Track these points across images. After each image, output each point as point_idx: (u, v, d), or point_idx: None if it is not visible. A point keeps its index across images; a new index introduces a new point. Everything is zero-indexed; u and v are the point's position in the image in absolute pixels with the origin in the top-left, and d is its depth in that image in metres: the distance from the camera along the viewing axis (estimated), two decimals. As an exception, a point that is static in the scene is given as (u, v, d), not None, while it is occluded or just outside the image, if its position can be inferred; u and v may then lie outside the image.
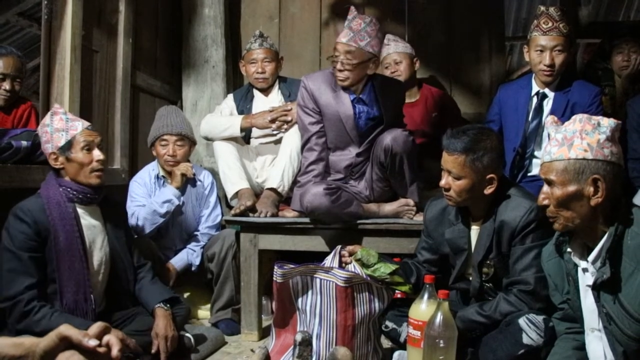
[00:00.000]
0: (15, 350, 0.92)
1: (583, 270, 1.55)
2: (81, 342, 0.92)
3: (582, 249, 1.55)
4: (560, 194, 1.48)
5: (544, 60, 2.37)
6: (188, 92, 3.54)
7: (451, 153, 1.87)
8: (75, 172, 1.99)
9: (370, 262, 2.02)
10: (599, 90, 2.47)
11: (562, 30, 2.35)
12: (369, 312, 2.04)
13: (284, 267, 2.08)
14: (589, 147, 1.45)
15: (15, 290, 1.83)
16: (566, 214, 1.49)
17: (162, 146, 2.69)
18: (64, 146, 1.98)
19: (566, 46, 2.36)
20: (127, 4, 2.94)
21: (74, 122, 2.03)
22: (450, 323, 1.67)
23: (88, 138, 2.01)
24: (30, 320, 1.81)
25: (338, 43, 2.41)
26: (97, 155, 2.01)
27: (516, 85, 2.62)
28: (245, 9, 3.73)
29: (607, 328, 1.47)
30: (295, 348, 1.93)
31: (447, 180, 1.90)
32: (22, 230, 1.87)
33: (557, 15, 2.35)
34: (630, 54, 3.14)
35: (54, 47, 2.43)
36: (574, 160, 1.46)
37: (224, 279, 2.60)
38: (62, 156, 1.99)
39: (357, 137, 2.51)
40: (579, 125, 1.49)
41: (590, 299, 1.53)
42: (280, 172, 2.63)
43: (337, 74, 2.44)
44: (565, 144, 1.48)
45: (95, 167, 2.00)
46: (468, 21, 3.55)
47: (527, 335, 1.72)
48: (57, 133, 1.99)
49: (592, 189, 1.45)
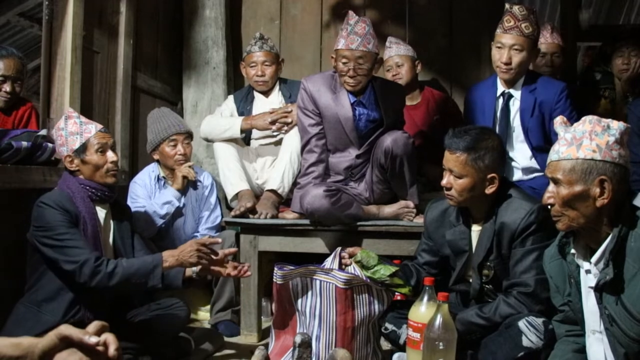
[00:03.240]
0: (13, 350, 0.92)
1: (586, 272, 1.54)
2: (82, 340, 0.92)
3: (584, 251, 1.55)
4: (566, 193, 1.47)
5: (501, 58, 2.38)
6: (188, 93, 3.55)
7: (453, 152, 1.88)
8: (91, 174, 2.05)
9: (370, 264, 2.02)
10: (564, 86, 2.45)
11: (524, 30, 2.34)
12: (369, 314, 2.03)
13: (284, 268, 2.07)
14: (598, 148, 1.45)
15: (82, 252, 1.88)
16: (571, 214, 1.49)
17: (171, 146, 2.67)
18: (78, 149, 2.04)
19: (526, 46, 2.35)
20: (128, 5, 2.94)
21: (87, 125, 2.08)
22: (450, 325, 1.67)
23: (102, 140, 2.06)
24: (104, 274, 1.86)
25: (346, 50, 2.39)
26: (111, 156, 2.07)
27: (483, 86, 2.60)
28: (246, 11, 3.73)
29: (609, 330, 1.47)
30: (295, 350, 1.93)
31: (448, 179, 1.90)
32: (56, 216, 1.90)
33: (520, 15, 2.34)
34: (630, 57, 3.14)
35: (54, 47, 2.44)
36: (582, 160, 1.46)
37: (224, 280, 2.59)
38: (78, 158, 2.04)
39: (357, 139, 2.51)
40: (589, 126, 1.48)
41: (592, 301, 1.53)
42: (280, 173, 2.63)
43: (347, 80, 2.42)
44: (574, 144, 1.48)
45: (110, 168, 2.06)
46: (469, 23, 3.55)
47: (527, 337, 1.72)
48: (72, 136, 2.05)
49: (599, 190, 1.44)
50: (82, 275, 1.86)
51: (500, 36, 2.39)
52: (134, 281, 1.91)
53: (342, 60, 2.41)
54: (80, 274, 1.86)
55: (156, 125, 2.74)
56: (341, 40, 2.43)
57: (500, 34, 2.39)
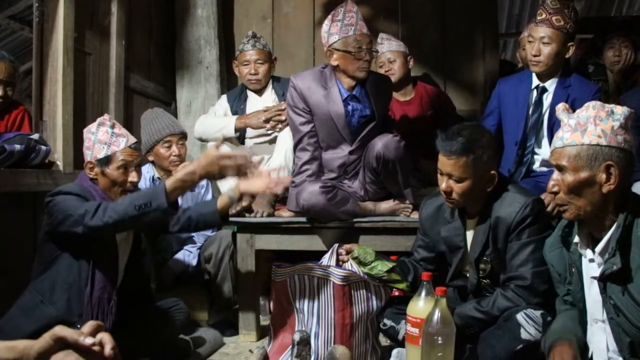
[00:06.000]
0: (8, 353, 0.92)
1: (589, 261, 1.53)
2: (77, 341, 0.92)
3: (587, 239, 1.53)
4: (571, 180, 1.46)
5: (531, 50, 2.39)
6: (182, 93, 3.53)
7: (450, 157, 1.83)
8: (107, 187, 1.97)
9: (367, 260, 2.02)
10: (598, 88, 2.49)
11: (554, 23, 2.34)
12: (367, 310, 2.04)
13: (282, 266, 2.07)
14: (603, 133, 1.43)
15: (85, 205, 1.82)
16: (577, 202, 1.47)
17: (166, 148, 2.66)
18: (102, 159, 1.95)
19: (555, 39, 2.35)
20: (120, 6, 2.93)
21: (118, 137, 1.99)
22: (448, 320, 1.67)
23: (128, 158, 1.97)
24: (104, 207, 1.79)
25: (360, 35, 2.39)
26: (133, 177, 1.98)
27: (516, 79, 2.62)
28: (238, 9, 3.72)
29: (614, 319, 1.46)
30: (294, 348, 1.92)
31: (447, 184, 1.86)
32: (71, 198, 1.84)
33: (552, 8, 2.35)
34: (621, 49, 3.16)
35: (46, 50, 2.42)
36: (587, 146, 1.44)
37: (221, 279, 2.59)
38: (99, 168, 1.97)
39: (349, 135, 2.50)
40: (593, 112, 1.47)
41: (595, 290, 1.52)
42: (275, 171, 2.62)
43: (363, 66, 2.41)
44: (578, 130, 1.46)
45: (128, 189, 1.98)
46: (461, 18, 3.55)
47: (525, 330, 1.72)
48: (99, 144, 1.96)
49: (605, 176, 1.43)
50: (86, 217, 1.78)
51: (532, 29, 2.42)
52: (138, 203, 1.78)
53: (356, 46, 2.38)
54: (84, 217, 1.78)
55: (150, 126, 2.72)
56: (348, 27, 2.39)
57: (532, 27, 2.42)
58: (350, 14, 2.41)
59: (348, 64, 2.42)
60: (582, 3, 5.63)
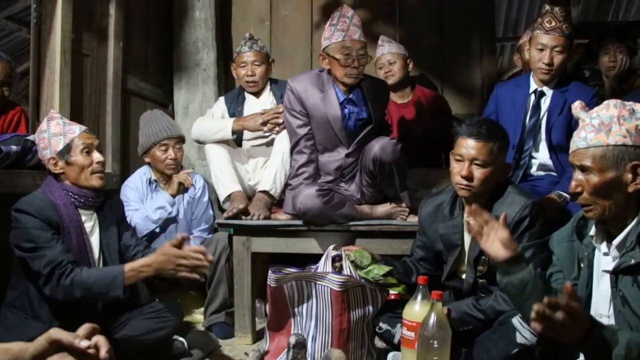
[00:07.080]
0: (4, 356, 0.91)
1: (603, 255, 1.52)
2: (72, 343, 0.91)
3: (602, 233, 1.53)
4: (597, 180, 1.44)
5: (543, 59, 2.38)
6: (179, 95, 3.53)
7: (478, 140, 1.88)
8: (76, 176, 1.97)
9: (363, 263, 2.02)
10: (595, 92, 2.49)
11: (565, 31, 2.36)
12: (363, 314, 2.04)
13: (278, 272, 2.07)
14: (628, 133, 1.42)
15: (54, 253, 1.81)
16: (602, 202, 1.46)
17: (162, 151, 2.67)
18: (62, 150, 1.97)
19: (566, 47, 2.37)
20: (118, 8, 2.92)
21: (71, 126, 2.02)
22: (444, 324, 1.67)
23: (87, 141, 2.00)
24: (63, 284, 1.79)
25: (349, 41, 2.38)
26: (97, 157, 2.00)
27: (514, 83, 2.62)
28: (236, 12, 3.73)
29: (621, 312, 1.45)
30: (289, 351, 1.92)
31: (469, 169, 1.88)
32: (34, 223, 1.84)
33: (561, 16, 2.36)
34: (616, 55, 3.18)
35: (43, 51, 2.42)
36: (612, 147, 1.43)
37: (217, 282, 2.58)
38: (62, 160, 1.97)
39: (346, 138, 2.50)
40: (615, 111, 1.45)
41: (604, 284, 1.51)
42: (272, 174, 2.62)
43: (350, 72, 2.41)
44: (602, 130, 1.45)
45: (96, 169, 1.99)
46: (459, 22, 3.57)
47: (521, 334, 1.72)
48: (55, 137, 1.98)
49: (631, 176, 1.42)
50: (51, 282, 1.79)
51: (542, 37, 2.38)
52: (96, 291, 1.82)
53: (344, 52, 2.39)
54: (49, 279, 1.79)
55: (148, 128, 2.73)
56: (339, 33, 2.40)
57: (541, 34, 2.38)
58: (344, 19, 2.42)
59: (336, 69, 2.44)
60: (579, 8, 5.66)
